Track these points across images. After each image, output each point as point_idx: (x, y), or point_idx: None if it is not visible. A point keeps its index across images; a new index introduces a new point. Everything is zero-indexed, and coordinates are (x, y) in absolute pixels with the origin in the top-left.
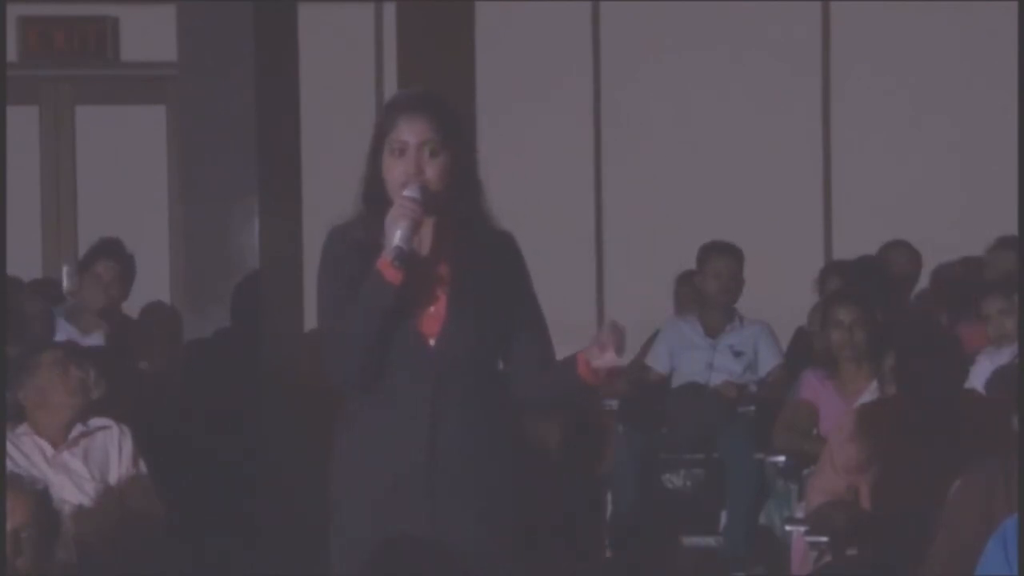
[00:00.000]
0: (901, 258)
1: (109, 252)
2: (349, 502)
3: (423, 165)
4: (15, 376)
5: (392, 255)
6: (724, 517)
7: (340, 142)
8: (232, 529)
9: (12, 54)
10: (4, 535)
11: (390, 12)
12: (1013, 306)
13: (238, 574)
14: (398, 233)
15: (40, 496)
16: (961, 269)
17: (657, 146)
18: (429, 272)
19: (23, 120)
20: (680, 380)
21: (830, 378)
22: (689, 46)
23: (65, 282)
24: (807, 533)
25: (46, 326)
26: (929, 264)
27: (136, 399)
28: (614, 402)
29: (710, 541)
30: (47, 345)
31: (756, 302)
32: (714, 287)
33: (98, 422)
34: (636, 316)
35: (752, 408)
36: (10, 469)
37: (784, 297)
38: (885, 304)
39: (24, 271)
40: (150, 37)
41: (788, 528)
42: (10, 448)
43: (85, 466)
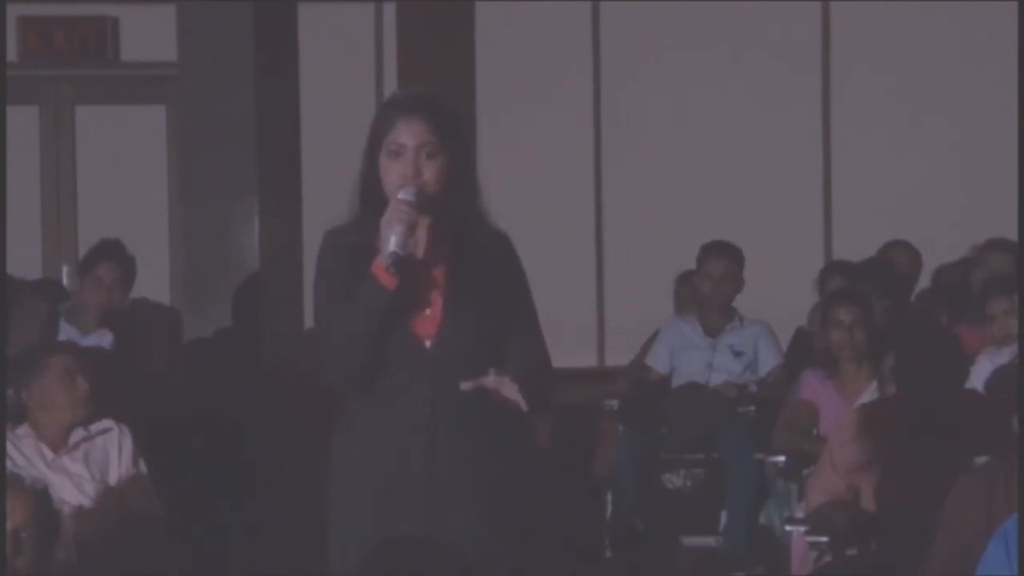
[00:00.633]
0: (901, 258)
1: (110, 254)
2: (348, 502)
3: (420, 167)
4: (19, 374)
5: (387, 260)
6: (724, 517)
7: (340, 142)
8: (232, 529)
9: (12, 54)
10: (4, 535)
11: (390, 12)
12: (1017, 306)
13: (238, 574)
14: (393, 238)
15: (40, 496)
16: (961, 269)
17: (657, 146)
18: (426, 274)
19: (23, 120)
20: (680, 380)
21: (830, 378)
22: (689, 46)
23: (65, 282)
24: (807, 533)
25: (50, 327)
26: (929, 264)
27: (136, 399)
28: (614, 402)
29: (710, 541)
30: (56, 348)
31: (756, 302)
32: (709, 287)
33: (99, 425)
34: (636, 316)
35: (752, 408)
36: (10, 469)
37: (784, 297)
38: (889, 303)
39: (24, 271)
40: (150, 37)
41: (788, 528)
42: (10, 449)
43: (85, 467)
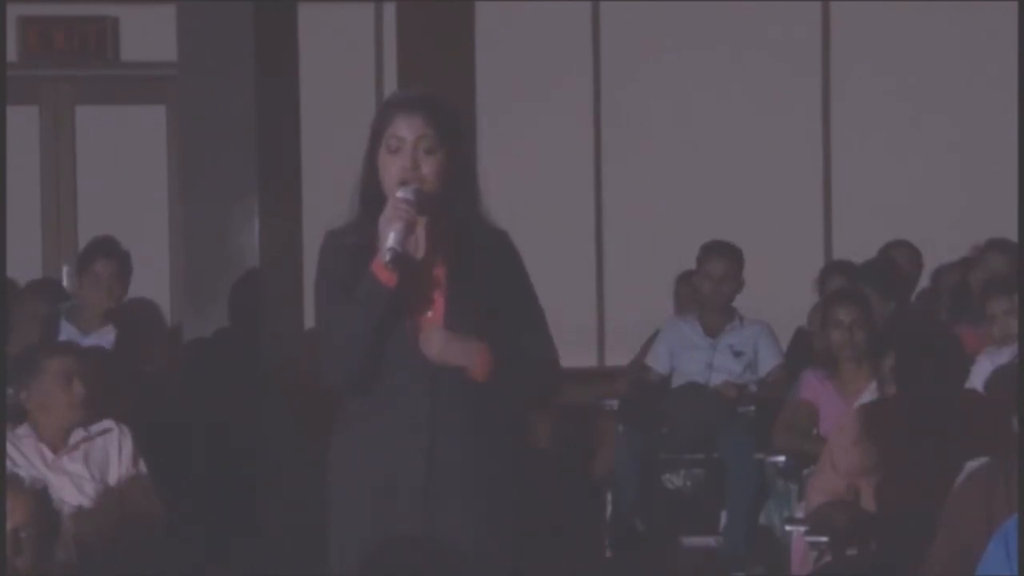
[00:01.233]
0: (902, 258)
1: (105, 250)
2: (347, 502)
3: (419, 161)
4: (18, 375)
5: (386, 257)
6: (724, 517)
7: (340, 142)
8: (232, 529)
9: (12, 54)
10: (4, 535)
11: (390, 12)
12: (1017, 306)
13: (238, 574)
14: (392, 235)
15: (40, 496)
16: (961, 269)
17: (657, 146)
18: (426, 274)
19: (23, 120)
20: (680, 380)
21: (830, 378)
22: (689, 46)
23: (65, 282)
24: (807, 533)
25: (50, 327)
26: (929, 264)
27: (136, 399)
28: (614, 402)
29: (710, 541)
30: (55, 350)
31: (756, 302)
32: (709, 287)
33: (99, 425)
34: (636, 316)
35: (752, 408)
36: (10, 469)
37: (784, 297)
38: (893, 301)
39: (24, 271)
40: (150, 37)
41: (788, 528)
42: (10, 449)
43: (85, 467)
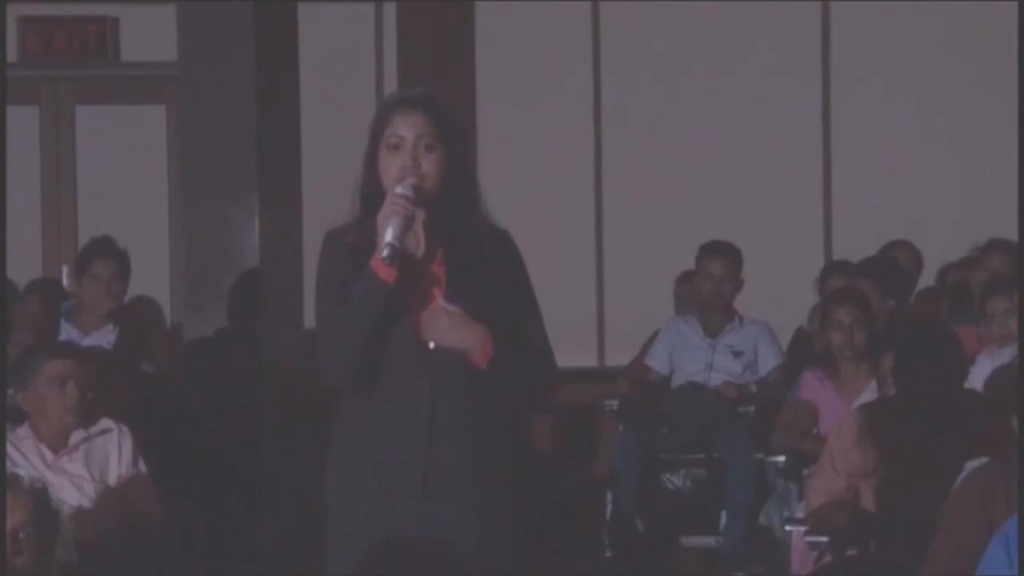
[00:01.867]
0: (903, 257)
1: (103, 251)
2: (347, 501)
3: (419, 159)
4: (15, 377)
5: (384, 252)
6: (724, 517)
7: (340, 142)
8: (231, 529)
9: (12, 54)
10: (4, 535)
11: (390, 12)
12: (1017, 306)
13: (238, 574)
14: (389, 230)
15: (39, 496)
16: (961, 269)
17: (657, 146)
18: (426, 272)
19: (23, 120)
20: (680, 380)
21: (829, 378)
22: (689, 46)
23: (65, 282)
24: (807, 533)
25: (48, 328)
26: (930, 264)
27: (136, 399)
28: (614, 402)
29: (710, 541)
30: (51, 352)
31: (756, 302)
32: (708, 287)
33: (99, 425)
34: (636, 316)
35: (752, 408)
36: (9, 469)
37: (784, 297)
38: (892, 299)
39: (24, 271)
40: (150, 37)
41: (788, 528)
42: (10, 449)
43: (85, 467)
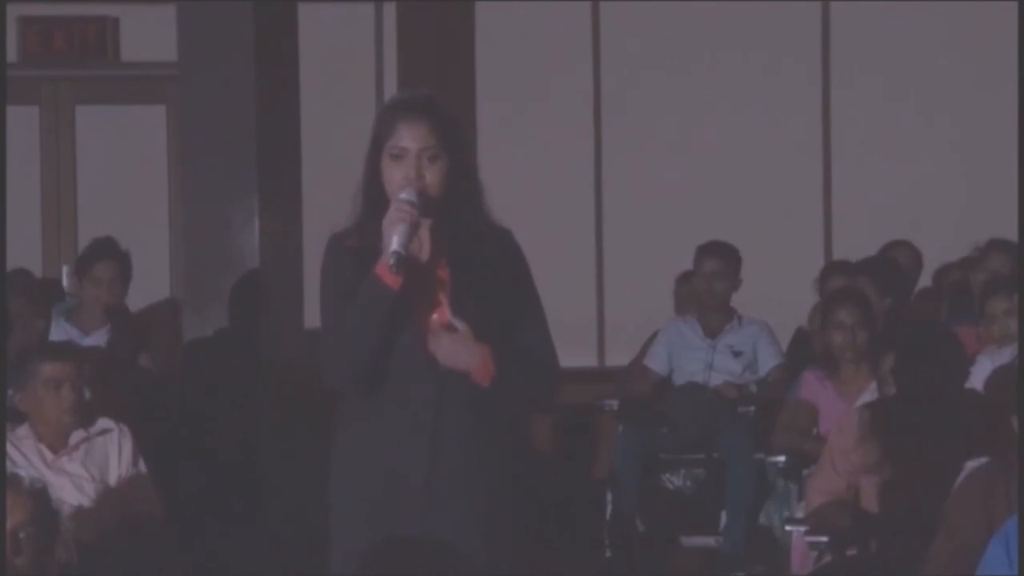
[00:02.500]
0: (902, 257)
1: (106, 252)
2: (349, 502)
3: (423, 170)
4: (12, 379)
5: (390, 260)
6: (724, 517)
7: (340, 142)
8: (231, 529)
9: (12, 54)
10: (4, 535)
11: (390, 12)
12: (1017, 306)
13: (238, 574)
14: (395, 238)
15: (39, 496)
16: (961, 269)
17: (657, 146)
18: (430, 275)
19: (23, 120)
20: (680, 380)
21: (830, 378)
22: (689, 46)
23: (65, 282)
24: (807, 533)
25: (46, 328)
26: (929, 264)
27: (136, 399)
28: (614, 402)
29: (710, 541)
30: (48, 354)
31: (756, 302)
32: (704, 287)
33: (99, 425)
34: (636, 316)
35: (752, 408)
36: (10, 469)
37: (784, 297)
38: (890, 297)
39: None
40: (150, 37)
41: (788, 528)
42: (10, 449)
43: (85, 467)
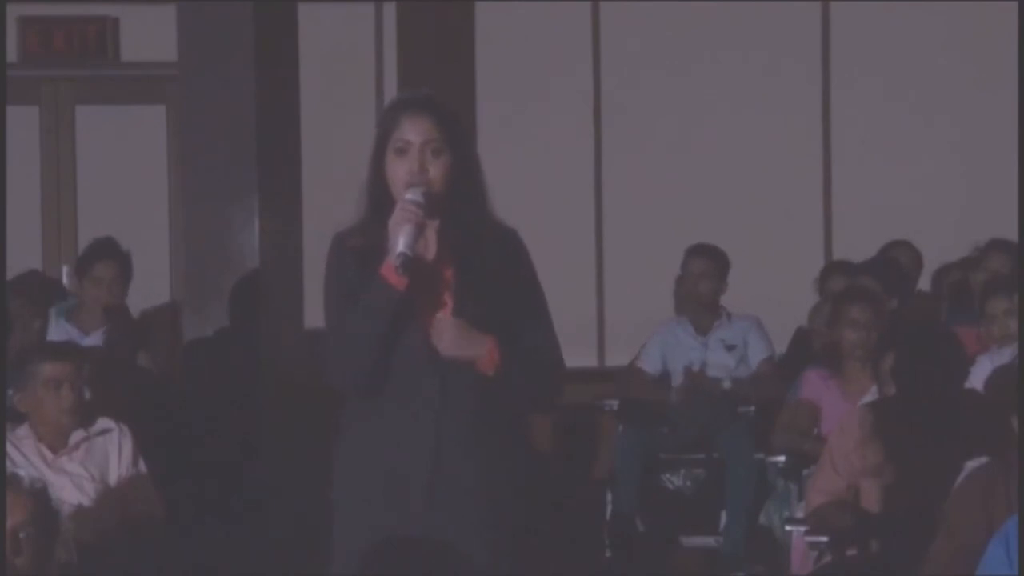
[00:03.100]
0: (903, 257)
1: (106, 252)
2: (350, 503)
3: (426, 164)
4: (12, 379)
5: (397, 261)
6: (724, 517)
7: (340, 142)
8: (232, 529)
9: (12, 54)
10: (4, 535)
11: (390, 12)
12: (1017, 306)
13: (239, 574)
14: (401, 239)
15: (40, 496)
16: (961, 269)
17: (657, 146)
18: (435, 275)
19: (23, 120)
20: (679, 380)
21: (833, 377)
22: (689, 46)
23: (65, 281)
24: (807, 533)
25: (44, 328)
26: (929, 264)
27: (136, 399)
28: (614, 402)
29: (710, 541)
30: (47, 354)
31: (756, 302)
32: (687, 287)
33: (99, 425)
34: (636, 316)
35: (752, 408)
36: (10, 469)
37: (784, 297)
38: (895, 299)
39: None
40: (150, 37)
41: (788, 528)
42: (10, 449)
43: (85, 467)
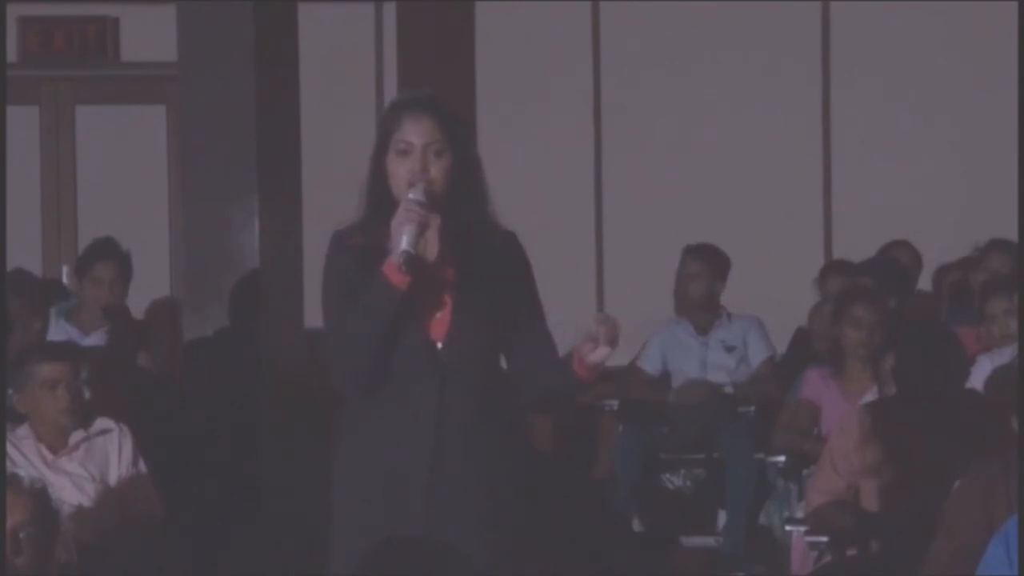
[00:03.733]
0: (903, 257)
1: (106, 252)
2: (350, 503)
3: (428, 165)
4: (11, 380)
5: (399, 259)
6: (724, 517)
7: (340, 142)
8: (232, 529)
9: (12, 54)
10: (4, 535)
11: (390, 12)
12: (1017, 306)
13: (239, 574)
14: (404, 238)
15: (39, 496)
16: (961, 269)
17: (657, 146)
18: (436, 275)
19: (23, 120)
20: (678, 381)
21: (834, 377)
22: (689, 46)
23: (65, 281)
24: (807, 533)
25: (44, 329)
26: (929, 264)
27: (136, 399)
28: (614, 402)
29: (710, 541)
30: (46, 355)
31: (756, 302)
32: (682, 287)
33: (99, 425)
34: (636, 316)
35: (752, 408)
36: (10, 469)
37: (784, 297)
38: (894, 298)
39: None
40: (150, 37)
41: (788, 528)
42: (10, 449)
43: (85, 467)
